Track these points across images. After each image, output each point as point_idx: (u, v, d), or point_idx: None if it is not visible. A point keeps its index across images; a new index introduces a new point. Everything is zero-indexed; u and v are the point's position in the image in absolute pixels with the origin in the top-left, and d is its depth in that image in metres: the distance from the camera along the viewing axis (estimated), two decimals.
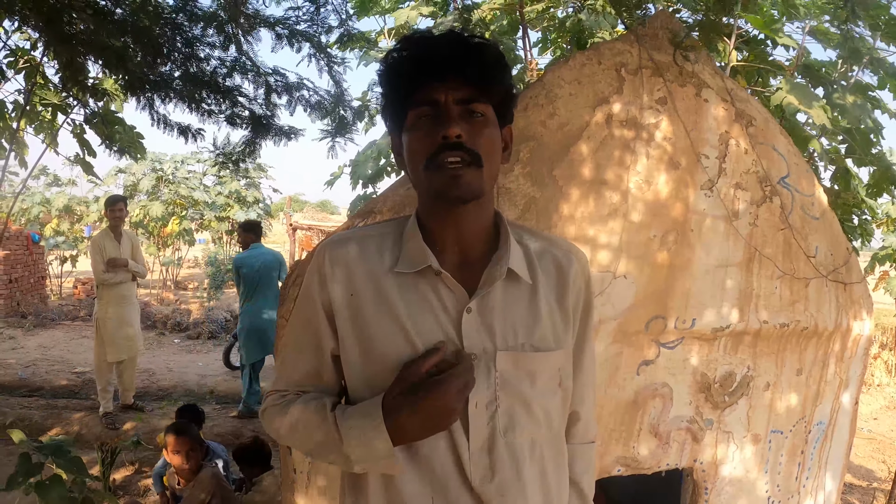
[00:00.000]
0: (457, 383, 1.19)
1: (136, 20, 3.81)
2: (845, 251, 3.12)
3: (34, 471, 2.56)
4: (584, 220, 2.52)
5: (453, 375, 1.19)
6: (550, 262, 1.38)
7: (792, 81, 3.39)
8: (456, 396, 1.19)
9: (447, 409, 1.19)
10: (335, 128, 4.91)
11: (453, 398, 1.18)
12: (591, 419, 1.51)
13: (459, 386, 1.19)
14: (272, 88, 4.54)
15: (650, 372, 2.68)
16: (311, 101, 4.69)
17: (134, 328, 6.97)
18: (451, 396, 1.18)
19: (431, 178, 1.24)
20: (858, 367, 3.30)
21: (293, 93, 4.61)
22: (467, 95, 1.24)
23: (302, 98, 4.65)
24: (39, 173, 19.86)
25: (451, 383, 1.18)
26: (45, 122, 5.74)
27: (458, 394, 1.19)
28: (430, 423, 1.20)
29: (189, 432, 4.04)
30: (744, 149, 2.81)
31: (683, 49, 2.65)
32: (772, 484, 3.05)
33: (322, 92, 4.68)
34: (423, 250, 1.29)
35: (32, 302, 13.87)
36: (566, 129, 2.52)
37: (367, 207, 2.51)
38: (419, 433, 1.22)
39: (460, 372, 1.20)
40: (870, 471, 6.81)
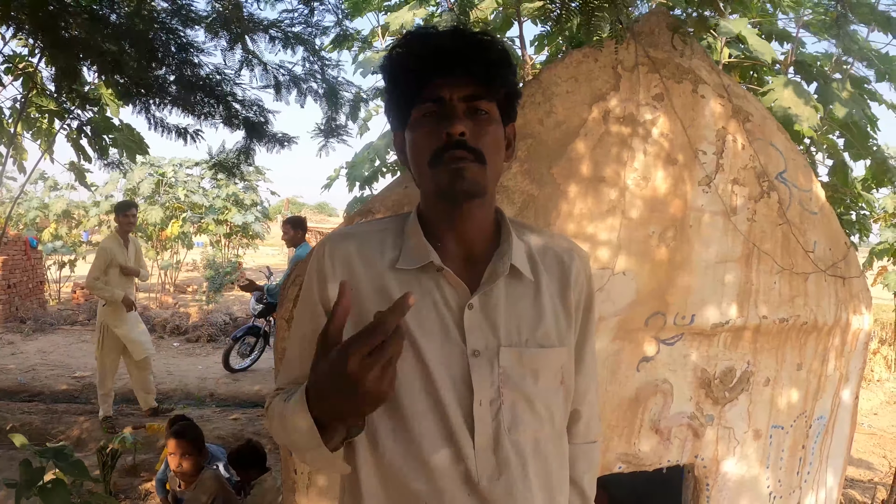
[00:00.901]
0: (354, 348, 0.97)
1: (130, 25, 3.81)
2: (844, 246, 3.13)
3: (37, 477, 2.56)
4: (582, 218, 2.52)
5: (352, 339, 0.98)
6: (552, 258, 1.38)
7: (782, 80, 3.39)
8: (359, 364, 0.96)
9: (351, 379, 0.97)
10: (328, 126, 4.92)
11: (355, 364, 0.96)
12: (594, 418, 1.50)
13: (361, 351, 0.96)
14: (280, 83, 4.55)
15: (650, 368, 2.68)
16: (319, 92, 4.70)
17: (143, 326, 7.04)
18: (353, 363, 0.96)
19: (435, 175, 1.24)
20: (858, 361, 3.30)
21: (301, 85, 4.61)
22: (472, 93, 1.24)
23: (311, 90, 4.66)
24: (38, 178, 19.85)
25: (348, 348, 0.97)
26: (43, 128, 5.73)
27: (361, 361, 0.96)
28: (341, 398, 1.02)
29: (189, 435, 4.03)
30: (741, 144, 2.81)
31: (681, 34, 2.65)
32: (773, 479, 3.05)
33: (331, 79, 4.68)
34: (425, 247, 1.28)
35: (31, 307, 13.86)
36: (563, 126, 2.52)
37: (364, 207, 2.51)
38: (334, 409, 1.05)
39: (362, 334, 0.97)
40: (871, 465, 6.82)
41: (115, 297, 6.54)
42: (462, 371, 1.25)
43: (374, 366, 0.96)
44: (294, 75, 4.58)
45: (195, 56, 4.23)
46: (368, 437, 1.28)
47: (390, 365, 0.98)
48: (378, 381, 0.97)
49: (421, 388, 1.25)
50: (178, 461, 3.92)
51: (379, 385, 0.98)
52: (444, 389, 1.24)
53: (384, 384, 0.98)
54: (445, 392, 1.24)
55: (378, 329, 0.96)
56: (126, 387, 8.54)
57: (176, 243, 18.56)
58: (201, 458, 4.06)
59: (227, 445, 5.50)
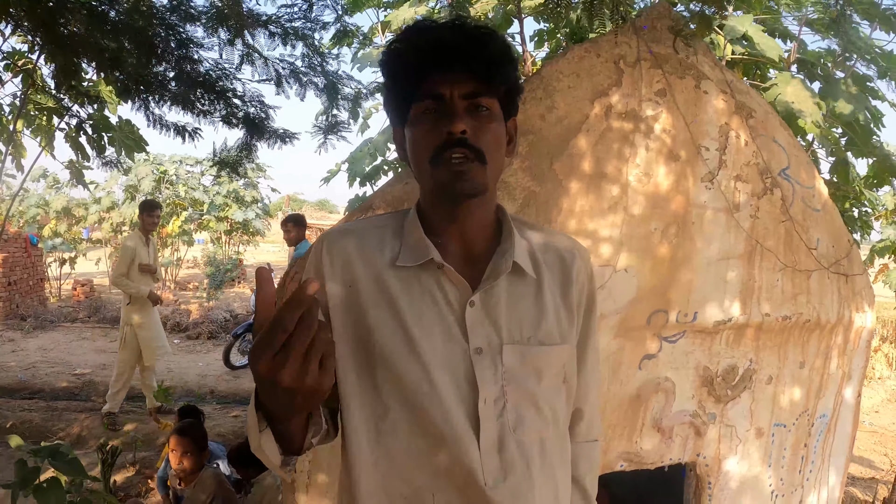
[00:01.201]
0: (258, 349, 0.90)
1: (129, 21, 3.79)
2: (846, 243, 3.11)
3: (32, 477, 2.54)
4: (584, 214, 2.50)
5: (258, 340, 0.90)
6: (553, 256, 1.36)
7: (786, 76, 3.37)
8: (268, 365, 0.89)
9: (266, 380, 0.91)
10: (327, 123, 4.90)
11: (264, 366, 0.89)
12: (595, 416, 1.48)
13: (266, 353, 0.89)
14: (282, 77, 4.53)
15: (652, 366, 2.67)
16: (319, 86, 4.68)
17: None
18: (261, 365, 0.90)
19: (436, 173, 1.22)
20: (861, 359, 3.28)
21: (301, 78, 4.60)
22: (473, 90, 1.22)
23: (311, 83, 4.64)
24: (39, 176, 19.83)
25: (254, 349, 0.91)
26: (42, 126, 5.72)
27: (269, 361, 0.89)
28: (269, 397, 0.97)
29: (191, 433, 4.01)
30: (744, 141, 2.79)
31: (683, 37, 2.63)
32: (775, 478, 3.04)
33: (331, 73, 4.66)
34: (426, 243, 1.26)
35: (31, 304, 13.87)
36: (565, 122, 2.50)
37: (364, 203, 2.49)
38: (273, 407, 1.00)
39: (263, 334, 0.89)
40: (873, 463, 6.81)
41: (141, 292, 6.62)
42: (465, 369, 1.23)
43: (286, 364, 0.88)
44: (295, 68, 4.57)
45: (195, 52, 4.22)
46: (367, 436, 1.26)
47: (311, 359, 0.89)
48: (296, 378, 0.89)
49: (421, 386, 1.22)
50: (180, 459, 3.91)
51: (300, 382, 0.90)
52: (447, 388, 1.22)
53: (307, 380, 0.90)
54: (448, 391, 1.22)
55: (276, 326, 0.87)
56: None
57: (177, 240, 18.55)
58: (203, 457, 4.04)
59: (227, 443, 5.49)
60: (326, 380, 0.92)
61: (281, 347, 0.88)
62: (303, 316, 0.87)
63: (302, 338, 0.88)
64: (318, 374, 0.91)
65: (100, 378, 8.77)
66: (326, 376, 0.92)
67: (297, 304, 0.87)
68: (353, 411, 1.27)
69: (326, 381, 0.93)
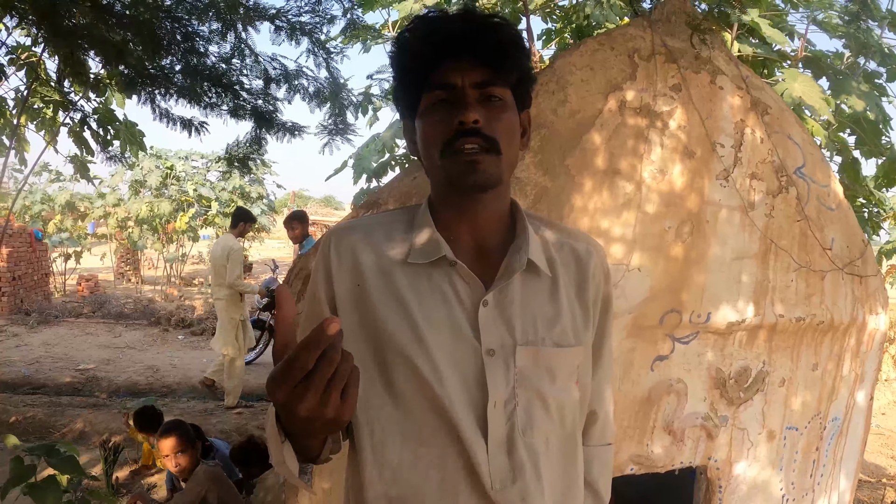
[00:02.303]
0: (278, 381, 0.87)
1: (135, 13, 3.76)
2: (861, 243, 3.06)
3: (27, 474, 2.51)
4: (597, 212, 2.45)
5: (277, 370, 0.87)
6: (569, 253, 1.32)
7: (794, 72, 3.33)
8: (287, 395, 0.87)
9: (285, 409, 0.90)
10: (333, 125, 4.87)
11: (283, 396, 0.87)
12: (609, 419, 1.45)
13: (286, 384, 0.86)
14: (271, 77, 4.50)
15: (664, 367, 2.62)
16: (309, 91, 4.64)
17: None
18: (280, 395, 0.87)
19: (447, 165, 1.18)
20: (873, 362, 3.24)
21: (292, 81, 4.56)
22: (484, 78, 1.17)
23: (301, 87, 4.61)
24: (42, 170, 19.84)
25: (273, 380, 0.88)
26: (47, 119, 5.70)
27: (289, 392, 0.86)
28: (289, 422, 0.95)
29: (175, 432, 3.97)
30: (759, 138, 2.74)
31: (701, 32, 2.58)
32: (786, 482, 2.99)
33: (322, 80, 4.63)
34: (437, 240, 1.22)
35: (36, 299, 13.89)
36: (578, 116, 2.45)
37: (372, 198, 2.45)
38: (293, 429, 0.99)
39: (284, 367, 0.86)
40: (879, 466, 6.76)
41: (254, 290, 7.70)
42: (476, 371, 1.19)
43: (306, 396, 0.85)
44: (286, 71, 4.54)
45: (201, 45, 4.18)
46: (374, 438, 1.23)
47: (332, 391, 0.86)
48: (315, 409, 0.87)
49: (430, 388, 1.18)
50: (175, 461, 3.88)
51: (319, 412, 0.87)
52: (456, 390, 1.18)
53: (327, 411, 0.87)
54: (457, 393, 1.18)
55: (294, 363, 0.84)
56: (130, 380, 8.54)
57: (182, 236, 18.56)
58: (195, 451, 4.00)
59: (230, 440, 5.47)
60: (347, 409, 0.89)
61: (300, 380, 0.85)
62: (324, 352, 0.84)
63: (322, 374, 0.85)
64: (338, 405, 0.87)
65: (103, 374, 8.77)
66: (348, 406, 0.89)
67: (315, 344, 0.83)
68: (360, 412, 1.24)
69: (347, 411, 0.89)
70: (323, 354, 0.84)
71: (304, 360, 0.83)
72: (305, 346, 0.83)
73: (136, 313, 13.41)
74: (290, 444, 1.05)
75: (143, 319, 12.88)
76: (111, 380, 8.55)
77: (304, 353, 0.83)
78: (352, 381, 0.88)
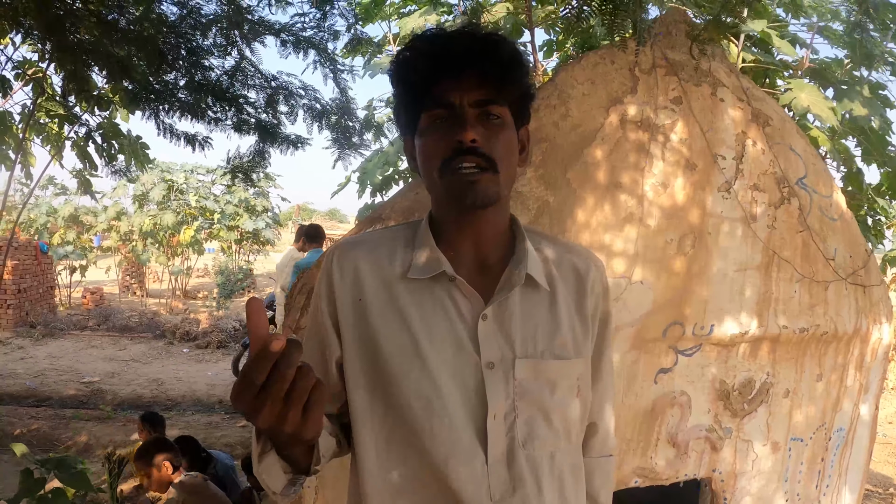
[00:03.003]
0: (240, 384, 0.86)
1: (140, 28, 3.79)
2: (864, 253, 3.06)
3: (36, 487, 2.52)
4: (599, 226, 2.45)
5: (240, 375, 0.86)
6: (568, 268, 1.33)
7: (800, 82, 3.34)
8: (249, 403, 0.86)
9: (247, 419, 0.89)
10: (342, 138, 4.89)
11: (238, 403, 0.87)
12: (610, 431, 1.45)
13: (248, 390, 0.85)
14: (274, 97, 4.52)
15: (668, 380, 2.62)
16: (313, 110, 4.66)
17: None
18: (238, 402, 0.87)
19: (446, 184, 1.19)
20: (878, 372, 3.23)
21: (295, 100, 4.58)
22: (483, 97, 1.18)
23: (305, 106, 4.63)
24: (47, 183, 19.91)
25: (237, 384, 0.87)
26: (52, 134, 5.74)
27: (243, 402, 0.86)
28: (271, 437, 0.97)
29: (140, 456, 3.94)
30: (761, 149, 2.75)
31: (701, 42, 2.59)
32: (791, 493, 2.98)
33: (325, 102, 4.65)
34: (437, 255, 1.23)
35: (41, 312, 13.91)
36: (580, 130, 2.46)
37: (374, 214, 2.46)
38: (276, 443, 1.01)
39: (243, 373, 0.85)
40: (886, 477, 6.73)
41: None
42: (476, 384, 1.20)
43: (263, 408, 0.85)
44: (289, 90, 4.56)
45: (206, 59, 4.21)
46: (377, 452, 1.24)
47: (290, 406, 0.86)
48: (274, 423, 0.87)
49: (431, 401, 1.19)
50: (144, 483, 3.89)
51: (279, 427, 0.87)
52: (456, 403, 1.19)
53: (285, 426, 0.87)
54: (457, 406, 1.19)
55: (249, 374, 0.84)
56: (134, 393, 8.54)
57: (187, 249, 18.59)
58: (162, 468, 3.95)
59: (235, 453, 5.47)
60: (310, 426, 0.89)
61: (258, 393, 0.85)
62: (277, 365, 0.84)
63: (276, 388, 0.84)
64: (297, 422, 0.87)
65: (108, 386, 8.78)
66: (310, 423, 0.89)
67: (262, 358, 0.83)
68: (362, 427, 1.25)
69: (310, 429, 0.89)
70: (275, 368, 0.83)
71: (254, 374, 0.83)
72: (255, 359, 0.84)
73: (141, 326, 13.43)
74: (271, 457, 1.06)
75: (148, 332, 12.91)
76: (116, 393, 8.57)
77: (254, 365, 0.83)
78: (314, 400, 0.88)
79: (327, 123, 4.79)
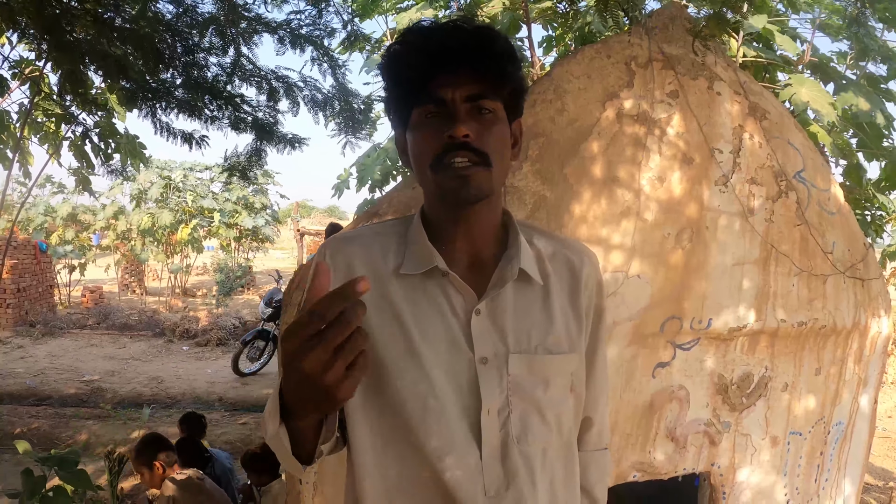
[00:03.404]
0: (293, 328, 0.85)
1: (136, 27, 3.78)
2: (862, 247, 3.05)
3: (39, 486, 2.52)
4: (596, 220, 2.45)
5: (295, 321, 0.85)
6: (562, 263, 1.32)
7: (800, 77, 3.34)
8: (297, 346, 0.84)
9: (293, 363, 0.86)
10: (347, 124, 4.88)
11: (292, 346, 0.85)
12: (605, 425, 1.45)
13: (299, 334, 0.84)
14: (275, 90, 4.51)
15: (666, 374, 2.62)
16: (316, 100, 4.65)
17: None
18: (290, 344, 0.85)
19: (438, 179, 1.17)
20: (877, 366, 3.23)
21: (296, 93, 4.58)
22: (475, 92, 1.17)
23: (306, 97, 4.62)
24: (45, 182, 19.90)
25: (288, 329, 0.85)
26: (50, 133, 5.73)
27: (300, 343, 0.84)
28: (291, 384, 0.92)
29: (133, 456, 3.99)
30: (758, 143, 2.74)
31: (702, 38, 2.58)
32: (790, 487, 2.98)
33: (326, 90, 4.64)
34: (430, 251, 1.23)
35: (41, 311, 13.92)
36: (576, 124, 2.45)
37: (371, 209, 2.46)
38: (293, 396, 0.95)
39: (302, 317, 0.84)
40: (886, 470, 6.74)
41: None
42: (469, 379, 1.20)
43: (313, 351, 0.83)
44: (289, 82, 4.55)
45: (202, 58, 4.20)
46: (372, 449, 1.23)
47: (339, 357, 0.83)
48: (319, 370, 0.84)
49: (425, 397, 1.19)
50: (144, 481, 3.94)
51: (321, 376, 0.84)
52: (450, 398, 1.19)
53: (328, 376, 0.84)
54: (451, 401, 1.19)
55: (314, 313, 0.82)
56: (134, 391, 8.55)
57: (186, 247, 18.59)
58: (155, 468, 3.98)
59: (235, 450, 5.47)
60: (346, 386, 0.86)
61: (314, 334, 0.83)
62: (344, 311, 0.82)
63: (336, 331, 0.82)
64: (340, 375, 0.85)
65: (108, 384, 8.79)
66: (349, 381, 0.86)
67: (341, 296, 0.82)
68: (356, 423, 1.25)
69: (346, 388, 0.86)
70: (342, 314, 0.82)
71: (325, 310, 0.82)
72: (330, 296, 0.83)
73: (141, 324, 13.44)
74: (285, 430, 1.04)
75: (148, 331, 12.92)
76: (116, 391, 8.58)
77: (328, 301, 0.82)
78: (361, 363, 0.86)
79: (331, 112, 4.77)
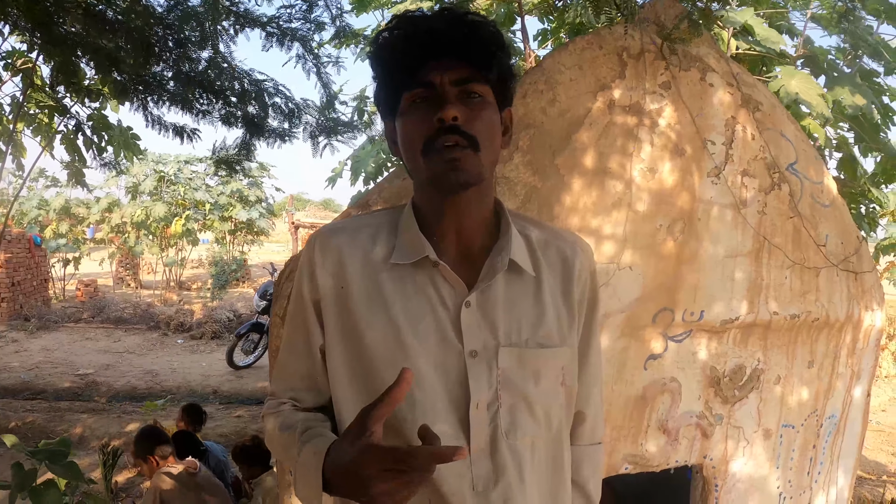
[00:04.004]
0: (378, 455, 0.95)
1: (127, 20, 3.76)
2: (856, 239, 3.05)
3: (29, 479, 2.51)
4: (587, 211, 2.44)
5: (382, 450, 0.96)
6: (555, 253, 1.30)
7: (790, 69, 3.33)
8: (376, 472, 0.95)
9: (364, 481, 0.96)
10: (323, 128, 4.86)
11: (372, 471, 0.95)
12: (599, 419, 1.43)
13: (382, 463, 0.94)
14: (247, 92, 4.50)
15: (658, 366, 2.61)
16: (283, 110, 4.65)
17: None
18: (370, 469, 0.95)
19: (428, 163, 1.16)
20: (870, 359, 3.22)
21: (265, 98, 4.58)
22: (464, 76, 1.16)
23: (275, 105, 4.62)
24: (38, 175, 19.84)
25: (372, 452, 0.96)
26: (42, 125, 5.71)
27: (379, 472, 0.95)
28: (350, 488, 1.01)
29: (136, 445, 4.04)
30: (751, 134, 2.73)
31: (671, 41, 2.57)
32: (783, 479, 2.98)
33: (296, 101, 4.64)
34: (420, 240, 1.21)
35: (35, 304, 13.89)
36: (567, 115, 2.44)
37: (362, 200, 2.44)
38: (344, 489, 1.04)
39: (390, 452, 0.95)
40: (880, 464, 6.75)
41: None
42: (458, 373, 1.19)
43: (386, 483, 0.95)
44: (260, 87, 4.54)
45: (193, 51, 4.18)
46: None
47: (406, 487, 0.95)
48: (384, 496, 0.96)
49: (412, 392, 1.17)
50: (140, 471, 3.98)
51: (389, 498, 0.96)
52: (438, 392, 1.18)
53: (395, 499, 0.96)
54: (439, 395, 1.18)
55: (407, 458, 0.93)
56: (129, 384, 8.54)
57: (181, 240, 18.55)
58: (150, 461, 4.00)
59: (229, 443, 5.47)
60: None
61: (397, 470, 0.94)
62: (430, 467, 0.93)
63: (418, 478, 0.94)
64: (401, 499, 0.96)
65: (102, 378, 8.77)
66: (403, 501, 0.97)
67: (439, 458, 0.92)
68: (345, 415, 1.24)
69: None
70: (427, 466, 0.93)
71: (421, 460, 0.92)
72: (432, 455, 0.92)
73: (136, 318, 13.42)
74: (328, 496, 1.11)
75: (143, 324, 12.90)
76: (110, 384, 8.57)
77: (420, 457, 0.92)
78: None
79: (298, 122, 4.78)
